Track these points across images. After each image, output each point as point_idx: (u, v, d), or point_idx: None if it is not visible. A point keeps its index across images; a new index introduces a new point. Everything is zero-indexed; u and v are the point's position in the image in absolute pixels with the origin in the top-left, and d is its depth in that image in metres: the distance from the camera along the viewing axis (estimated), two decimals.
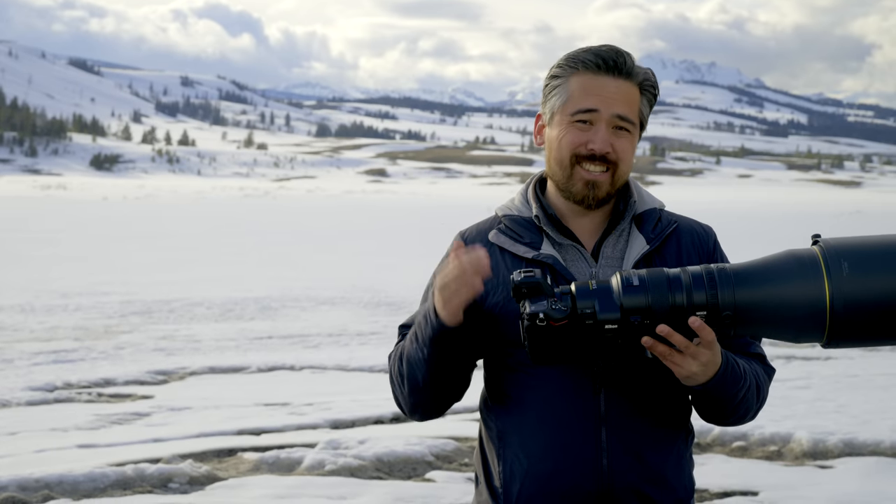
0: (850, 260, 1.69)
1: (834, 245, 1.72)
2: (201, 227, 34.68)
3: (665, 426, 2.01)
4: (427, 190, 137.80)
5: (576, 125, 2.00)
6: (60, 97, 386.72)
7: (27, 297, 13.91)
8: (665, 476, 2.00)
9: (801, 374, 9.05)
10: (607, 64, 1.98)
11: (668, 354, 1.78)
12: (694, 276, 1.74)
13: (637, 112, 2.02)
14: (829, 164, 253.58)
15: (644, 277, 1.74)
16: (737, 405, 1.96)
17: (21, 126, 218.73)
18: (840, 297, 1.67)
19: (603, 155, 1.98)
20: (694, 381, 1.84)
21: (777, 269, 1.72)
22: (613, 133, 1.99)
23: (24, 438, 6.59)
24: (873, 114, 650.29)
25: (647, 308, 1.73)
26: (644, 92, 2.03)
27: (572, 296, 1.75)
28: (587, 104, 1.98)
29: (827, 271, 1.68)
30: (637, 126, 2.03)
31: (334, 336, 11.16)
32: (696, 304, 1.72)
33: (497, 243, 2.06)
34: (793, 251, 1.75)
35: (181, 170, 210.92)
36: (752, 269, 1.74)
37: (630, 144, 2.02)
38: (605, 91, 1.98)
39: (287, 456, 6.18)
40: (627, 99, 1.99)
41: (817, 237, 1.77)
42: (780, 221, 46.12)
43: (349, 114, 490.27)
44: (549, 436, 1.97)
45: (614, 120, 1.98)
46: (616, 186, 2.03)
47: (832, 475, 6.02)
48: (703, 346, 1.77)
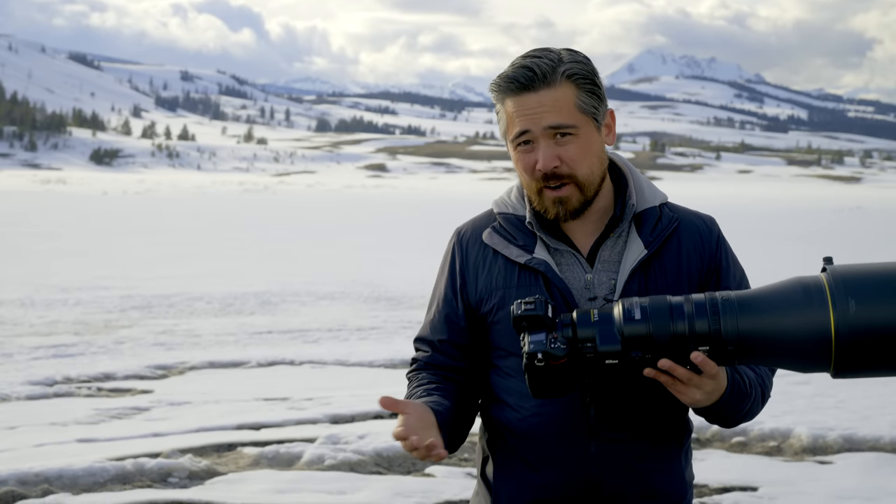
0: (856, 289, 1.64)
1: (841, 273, 1.67)
2: (201, 222, 34.67)
3: (657, 436, 1.99)
4: (427, 185, 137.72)
5: (520, 149, 1.96)
6: (60, 91, 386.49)
7: (27, 292, 13.90)
8: (655, 486, 1.99)
9: None
10: (521, 83, 1.92)
11: (671, 384, 1.77)
12: (697, 304, 1.70)
13: (573, 111, 1.92)
14: (829, 160, 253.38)
15: (646, 307, 1.71)
16: (742, 416, 1.95)
17: (21, 120, 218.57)
18: (846, 327, 1.63)
19: (552, 172, 1.93)
20: (699, 406, 1.83)
21: (782, 297, 1.68)
22: (557, 143, 1.93)
23: (24, 433, 6.59)
24: (874, 109, 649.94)
25: (647, 337, 1.70)
26: (577, 86, 1.93)
27: (573, 326, 1.73)
28: (518, 128, 1.94)
29: (832, 301, 1.64)
30: (584, 122, 1.94)
31: (334, 331, 11.16)
32: (698, 333, 1.69)
33: (490, 244, 2.04)
34: (799, 279, 1.70)
35: (181, 164, 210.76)
36: (757, 297, 1.70)
37: (579, 146, 1.93)
38: (528, 110, 1.92)
39: (287, 451, 6.18)
40: (555, 106, 1.91)
41: (828, 261, 1.72)
42: (780, 217, 46.10)
43: (349, 109, 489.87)
44: (540, 445, 1.97)
45: (549, 132, 1.92)
46: (588, 193, 1.96)
47: (832, 471, 6.02)
48: (707, 377, 1.75)
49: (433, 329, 2.10)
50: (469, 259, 2.07)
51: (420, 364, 2.11)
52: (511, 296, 1.97)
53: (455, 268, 2.09)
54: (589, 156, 1.95)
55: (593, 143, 1.96)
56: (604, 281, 1.98)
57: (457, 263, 2.09)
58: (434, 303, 2.13)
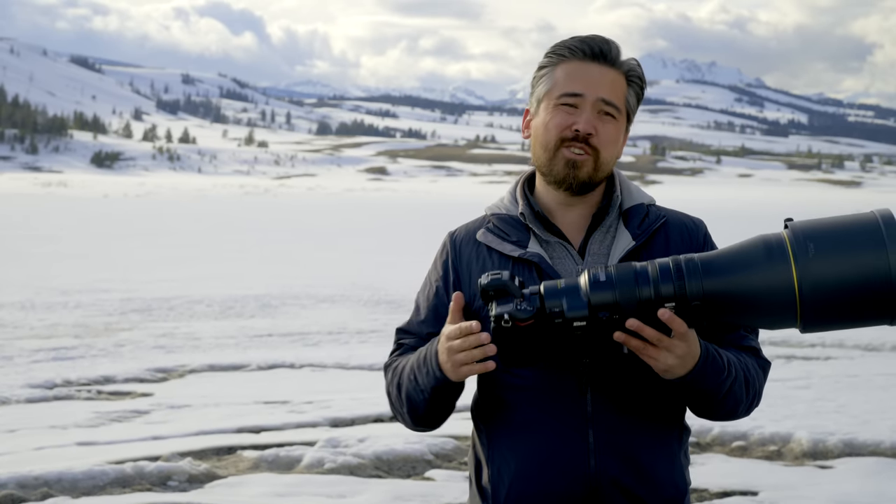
0: (816, 241, 1.65)
1: (801, 227, 1.68)
2: (202, 225, 34.68)
3: (654, 425, 1.99)
4: (427, 188, 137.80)
5: (562, 108, 2.00)
6: (62, 95, 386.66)
7: (27, 295, 13.90)
8: (655, 475, 1.98)
9: (800, 373, 9.04)
10: (593, 51, 2.00)
11: (642, 349, 1.77)
12: (661, 267, 1.72)
13: (623, 99, 2.02)
14: (829, 164, 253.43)
15: (611, 273, 1.73)
16: (723, 398, 1.92)
17: (22, 123, 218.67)
18: (808, 280, 1.63)
19: (586, 137, 1.98)
20: (672, 374, 1.82)
21: (745, 255, 1.70)
22: (598, 118, 2.00)
23: (24, 436, 6.58)
24: (874, 114, 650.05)
25: (614, 303, 1.72)
26: (630, 83, 2.04)
27: (540, 295, 1.75)
28: (572, 88, 1.99)
29: (794, 255, 1.65)
30: (623, 114, 2.03)
31: (334, 334, 11.16)
32: (663, 296, 1.71)
33: (484, 242, 2.06)
34: (763, 236, 1.71)
35: (182, 167, 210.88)
36: (720, 257, 1.71)
37: (615, 130, 2.01)
38: (590, 76, 1.99)
39: (286, 454, 6.17)
40: (613, 85, 2.00)
41: (789, 221, 1.73)
42: (780, 220, 46.06)
43: (350, 112, 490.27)
44: (536, 437, 1.97)
45: (599, 104, 1.99)
46: (599, 173, 2.02)
47: (832, 475, 6.02)
48: (677, 337, 1.75)
49: (420, 321, 2.12)
50: (462, 256, 2.09)
51: (406, 348, 2.12)
52: None
53: (448, 264, 2.11)
54: (616, 144, 2.03)
55: (621, 136, 2.05)
56: None
57: (449, 260, 2.11)
58: (424, 296, 2.14)
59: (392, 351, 2.16)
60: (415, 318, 2.14)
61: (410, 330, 2.14)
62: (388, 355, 2.16)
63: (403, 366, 2.04)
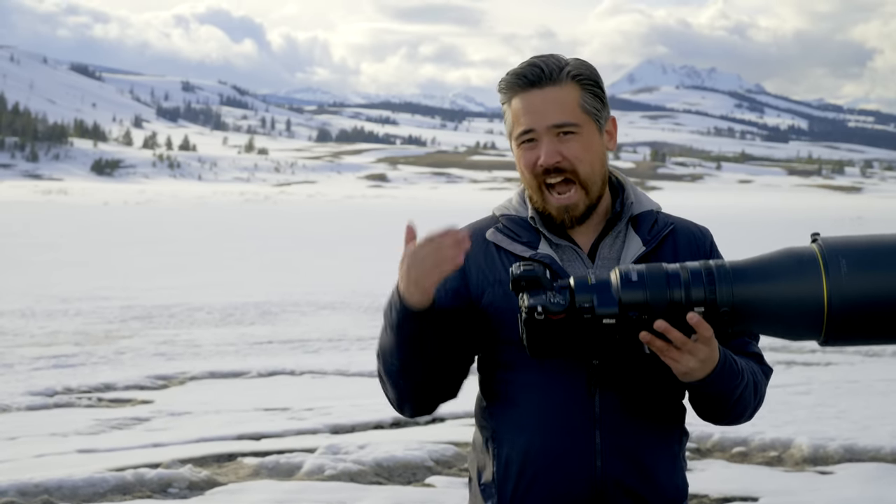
0: (848, 258, 1.67)
1: (832, 243, 1.70)
2: (202, 233, 34.69)
3: (660, 427, 2.01)
4: (427, 195, 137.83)
5: (524, 146, 2.01)
6: (62, 102, 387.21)
7: (28, 302, 13.90)
8: (659, 477, 2.00)
9: (801, 379, 9.04)
10: (529, 79, 1.99)
11: (665, 350, 1.78)
12: (693, 272, 1.73)
13: (576, 110, 1.99)
14: (829, 170, 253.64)
15: (643, 273, 1.74)
16: (734, 403, 1.95)
17: (22, 131, 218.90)
18: (838, 295, 1.66)
19: (554, 166, 1.98)
20: (691, 377, 1.84)
21: (776, 266, 1.71)
22: (560, 141, 1.98)
23: (24, 443, 6.58)
24: (874, 119, 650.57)
25: (644, 303, 1.73)
26: (582, 86, 2.00)
27: (571, 290, 1.75)
28: (523, 125, 2.00)
29: (825, 269, 1.67)
30: (586, 122, 2.00)
31: (334, 341, 11.16)
32: (693, 300, 1.72)
33: (494, 241, 2.07)
34: (792, 249, 1.74)
35: (182, 175, 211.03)
36: (751, 265, 1.73)
37: (581, 145, 1.99)
38: (534, 107, 1.98)
39: (287, 461, 6.17)
40: (560, 104, 1.98)
41: (816, 235, 1.76)
42: (780, 227, 46.10)
43: (350, 119, 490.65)
44: (543, 436, 1.97)
45: (552, 130, 1.98)
46: (592, 194, 2.02)
47: (832, 481, 6.01)
48: (701, 342, 1.77)
49: None
50: (470, 253, 2.07)
51: None
52: None
53: None
54: (590, 154, 2.00)
55: (594, 143, 2.02)
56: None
57: None
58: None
59: None
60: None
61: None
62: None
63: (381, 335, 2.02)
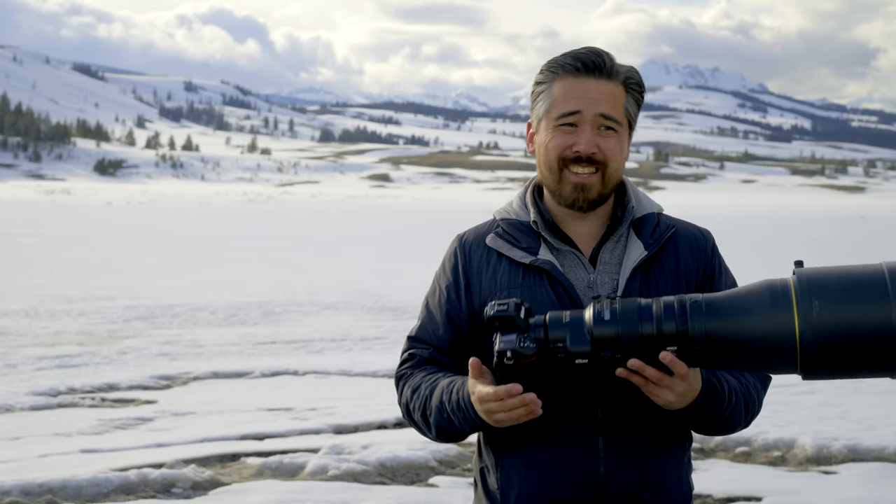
0: (821, 290, 1.64)
1: (807, 275, 1.67)
2: (205, 233, 34.71)
3: (663, 433, 2.01)
4: (430, 195, 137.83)
5: (561, 129, 2.00)
6: (65, 102, 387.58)
7: (31, 302, 13.92)
8: (662, 483, 2.00)
9: None
10: (587, 66, 1.99)
11: (643, 385, 1.79)
12: (665, 305, 1.72)
13: (622, 111, 2.01)
14: (832, 170, 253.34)
15: (616, 309, 1.74)
16: (723, 422, 1.97)
17: (25, 131, 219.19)
18: (810, 329, 1.63)
19: (589, 156, 1.98)
20: (673, 407, 1.85)
21: (749, 300, 1.69)
22: (599, 133, 1.99)
23: (28, 443, 6.59)
24: (877, 119, 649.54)
25: (616, 338, 1.73)
26: (629, 90, 2.02)
27: (545, 327, 1.76)
28: (570, 107, 1.99)
29: (797, 303, 1.64)
30: (624, 125, 2.02)
31: (337, 341, 11.16)
32: (665, 334, 1.71)
33: (494, 248, 2.06)
34: (769, 281, 1.70)
35: (185, 175, 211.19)
36: (724, 300, 1.71)
37: (617, 143, 2.01)
38: (586, 93, 1.98)
39: (290, 461, 6.18)
40: (611, 98, 1.99)
41: (799, 264, 1.72)
42: (783, 226, 46.07)
43: (353, 119, 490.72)
44: (547, 443, 1.97)
45: (598, 120, 1.98)
46: (608, 187, 2.02)
47: (836, 481, 6.01)
48: (678, 377, 1.77)
49: (434, 328, 2.10)
50: (472, 262, 2.08)
51: (419, 360, 2.10)
52: (515, 296, 1.99)
53: (458, 269, 2.10)
54: (620, 154, 2.03)
55: (624, 146, 2.05)
56: (606, 281, 2.01)
57: (459, 265, 2.10)
58: (435, 302, 2.12)
59: (403, 361, 2.14)
60: (428, 324, 2.12)
61: (423, 338, 2.11)
62: (399, 364, 2.14)
63: (427, 395, 2.02)
